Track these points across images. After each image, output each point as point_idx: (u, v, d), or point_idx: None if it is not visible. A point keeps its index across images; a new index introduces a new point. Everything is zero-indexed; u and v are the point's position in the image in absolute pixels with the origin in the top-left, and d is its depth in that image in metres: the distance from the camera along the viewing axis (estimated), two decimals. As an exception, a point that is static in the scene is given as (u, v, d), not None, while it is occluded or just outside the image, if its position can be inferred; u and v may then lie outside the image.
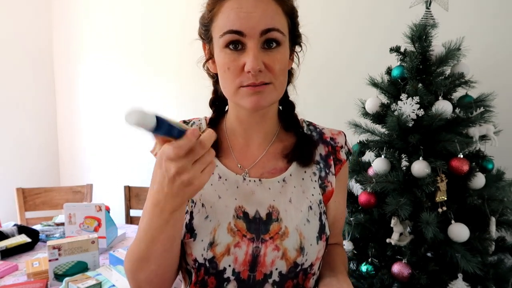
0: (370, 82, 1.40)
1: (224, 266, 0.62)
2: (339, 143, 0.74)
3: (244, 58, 0.59)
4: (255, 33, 0.58)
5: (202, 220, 0.64)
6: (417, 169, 1.21)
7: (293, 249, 0.62)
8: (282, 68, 0.62)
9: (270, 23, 0.59)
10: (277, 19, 0.60)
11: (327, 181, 0.71)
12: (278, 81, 0.62)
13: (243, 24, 0.58)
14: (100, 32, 2.76)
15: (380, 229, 1.31)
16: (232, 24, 0.58)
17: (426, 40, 1.28)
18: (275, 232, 0.63)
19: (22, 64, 2.78)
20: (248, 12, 0.58)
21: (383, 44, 1.46)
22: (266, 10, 0.59)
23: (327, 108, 1.97)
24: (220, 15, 0.60)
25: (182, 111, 2.41)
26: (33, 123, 2.89)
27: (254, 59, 0.58)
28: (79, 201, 2.26)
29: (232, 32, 0.58)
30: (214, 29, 0.62)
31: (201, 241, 0.62)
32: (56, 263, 1.19)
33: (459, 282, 1.15)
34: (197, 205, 0.66)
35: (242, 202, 0.65)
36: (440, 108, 1.20)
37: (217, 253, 0.61)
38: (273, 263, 0.62)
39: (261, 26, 0.58)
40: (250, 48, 0.58)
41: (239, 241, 0.62)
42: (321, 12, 1.95)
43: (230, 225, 0.63)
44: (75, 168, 3.03)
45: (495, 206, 1.20)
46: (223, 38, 0.60)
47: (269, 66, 0.60)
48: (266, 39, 0.59)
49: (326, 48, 1.94)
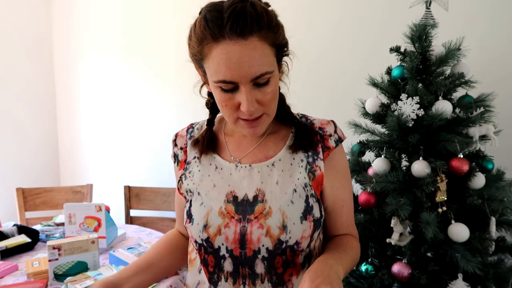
0: (370, 82, 1.40)
1: (218, 245, 0.71)
2: (327, 131, 0.78)
3: (238, 97, 0.64)
4: (246, 80, 0.62)
5: (198, 206, 0.73)
6: (417, 169, 1.21)
7: (276, 227, 0.68)
8: (273, 97, 0.68)
9: (259, 70, 0.62)
10: (265, 61, 0.63)
11: (315, 166, 0.75)
12: (271, 109, 0.69)
13: (234, 75, 0.61)
14: (101, 31, 2.76)
15: (380, 229, 1.31)
16: (223, 75, 0.62)
17: (426, 40, 1.28)
18: (259, 212, 0.70)
19: (22, 64, 2.78)
20: (237, 63, 0.60)
21: (383, 44, 1.46)
22: (254, 57, 0.61)
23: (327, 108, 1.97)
24: (210, 60, 0.63)
25: (181, 110, 2.41)
26: (33, 123, 2.89)
27: (248, 104, 0.63)
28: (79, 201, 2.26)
29: (225, 82, 0.63)
30: (207, 68, 0.66)
31: (197, 224, 0.71)
32: (56, 263, 1.19)
33: (459, 282, 1.15)
34: (194, 194, 0.75)
35: (234, 188, 0.73)
36: (440, 108, 1.20)
37: (210, 233, 0.70)
38: (259, 240, 0.69)
39: (251, 75, 0.62)
40: (243, 92, 0.63)
41: (228, 222, 0.70)
42: (321, 12, 1.96)
43: (221, 209, 0.71)
44: (75, 168, 3.04)
45: (495, 206, 1.20)
46: (216, 83, 0.64)
47: (261, 101, 0.66)
48: (257, 81, 0.64)
49: (326, 47, 1.94)
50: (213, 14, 0.61)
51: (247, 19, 0.60)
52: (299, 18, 1.98)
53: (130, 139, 2.72)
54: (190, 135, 0.83)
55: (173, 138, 0.84)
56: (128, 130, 2.73)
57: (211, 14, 0.62)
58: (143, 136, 2.66)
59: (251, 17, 0.60)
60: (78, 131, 2.98)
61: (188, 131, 0.84)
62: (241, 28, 0.59)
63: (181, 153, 0.82)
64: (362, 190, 1.35)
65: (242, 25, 0.59)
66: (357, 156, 1.45)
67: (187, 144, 0.81)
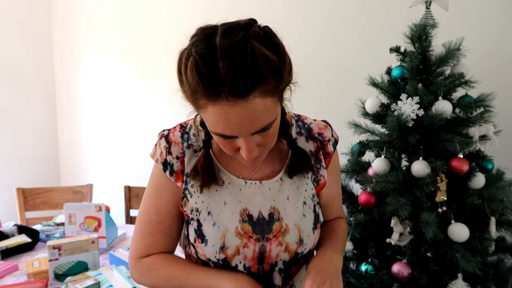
0: (370, 82, 1.40)
1: (236, 263, 0.69)
2: (326, 137, 0.77)
3: (238, 143, 0.59)
4: (246, 135, 0.57)
5: (210, 227, 0.69)
6: (417, 169, 1.21)
7: (294, 242, 0.70)
8: (274, 136, 0.63)
9: (260, 125, 0.56)
10: (267, 115, 0.56)
11: (319, 175, 0.76)
12: (272, 144, 0.64)
13: (234, 132, 0.56)
14: (101, 31, 2.76)
15: (380, 229, 1.31)
16: (222, 131, 0.57)
17: (426, 40, 1.28)
18: (278, 231, 0.70)
19: (22, 64, 2.78)
20: (236, 123, 0.55)
21: (383, 44, 1.46)
22: (255, 115, 0.54)
23: (327, 108, 1.97)
24: (206, 114, 0.56)
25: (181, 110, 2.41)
26: (33, 123, 2.89)
27: (248, 153, 0.59)
28: (79, 201, 2.26)
29: (224, 136, 0.58)
30: (203, 116, 0.59)
31: (212, 246, 0.68)
32: (56, 263, 1.19)
33: (459, 282, 1.15)
34: (202, 213, 0.70)
35: (246, 204, 0.70)
36: (440, 108, 1.20)
37: (228, 254, 0.68)
38: (277, 255, 0.70)
39: (252, 130, 0.57)
40: (243, 142, 0.58)
41: (247, 242, 0.69)
42: (321, 12, 1.96)
43: (237, 229, 0.68)
44: (75, 168, 3.04)
45: (495, 206, 1.20)
46: (214, 134, 0.59)
47: (262, 144, 0.61)
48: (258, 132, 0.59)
49: (326, 47, 1.94)
50: (207, 64, 0.51)
51: (247, 79, 0.51)
52: (299, 18, 1.98)
53: (130, 139, 2.72)
54: (187, 143, 0.72)
55: (165, 144, 0.72)
56: (128, 130, 2.73)
57: (204, 64, 0.52)
58: (143, 136, 2.66)
59: (252, 74, 0.51)
60: (78, 131, 2.98)
61: (183, 138, 0.73)
62: (241, 89, 0.51)
63: (176, 163, 0.71)
64: (362, 190, 1.35)
65: (242, 86, 0.51)
66: (357, 156, 1.45)
67: (185, 153, 0.72)
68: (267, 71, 0.53)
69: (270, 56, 0.53)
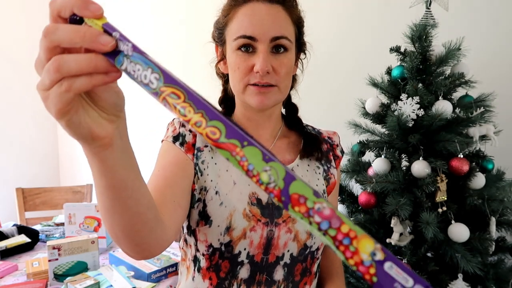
0: (370, 82, 1.40)
1: (239, 250, 0.67)
2: (335, 141, 0.82)
3: (254, 59, 0.65)
4: (266, 38, 0.64)
5: (217, 207, 0.67)
6: (417, 169, 1.21)
7: (304, 231, 0.68)
8: (287, 72, 0.68)
9: (279, 31, 0.65)
10: (286, 28, 0.67)
11: (330, 173, 0.78)
12: (283, 84, 0.68)
13: (255, 30, 0.64)
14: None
15: (380, 229, 1.31)
16: (245, 29, 0.65)
17: (426, 40, 1.28)
18: (288, 216, 0.68)
19: (22, 64, 2.78)
20: (260, 19, 0.64)
21: (383, 44, 1.46)
22: (277, 19, 0.65)
23: (327, 108, 1.97)
24: (235, 20, 0.67)
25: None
26: (33, 122, 2.89)
27: (263, 61, 0.64)
28: (79, 201, 2.26)
29: (245, 37, 0.65)
30: (228, 33, 0.68)
31: (217, 227, 0.66)
32: (56, 263, 1.19)
33: (459, 282, 1.14)
34: (210, 192, 0.68)
35: (255, 189, 0.70)
36: (440, 108, 1.20)
37: (234, 237, 0.66)
38: (285, 245, 0.68)
39: (272, 33, 0.64)
40: (260, 51, 0.64)
41: (254, 225, 0.67)
42: (321, 12, 1.95)
43: (246, 210, 0.67)
44: (75, 168, 3.03)
45: (495, 206, 1.20)
46: (236, 42, 0.66)
47: (276, 69, 0.66)
48: (275, 45, 0.66)
49: (325, 47, 1.94)
50: None
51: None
52: (299, 18, 1.98)
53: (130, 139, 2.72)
54: None
55: (179, 120, 0.72)
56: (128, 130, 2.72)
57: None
58: (143, 136, 2.66)
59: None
60: (78, 131, 2.98)
61: None
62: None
63: (189, 135, 0.71)
64: (362, 190, 1.35)
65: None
66: (357, 156, 1.45)
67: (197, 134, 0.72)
68: (294, 1, 0.70)
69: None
